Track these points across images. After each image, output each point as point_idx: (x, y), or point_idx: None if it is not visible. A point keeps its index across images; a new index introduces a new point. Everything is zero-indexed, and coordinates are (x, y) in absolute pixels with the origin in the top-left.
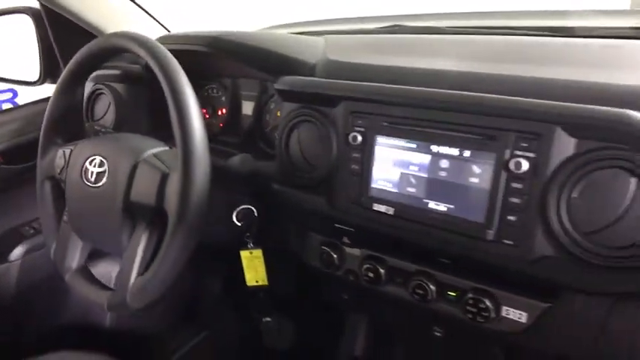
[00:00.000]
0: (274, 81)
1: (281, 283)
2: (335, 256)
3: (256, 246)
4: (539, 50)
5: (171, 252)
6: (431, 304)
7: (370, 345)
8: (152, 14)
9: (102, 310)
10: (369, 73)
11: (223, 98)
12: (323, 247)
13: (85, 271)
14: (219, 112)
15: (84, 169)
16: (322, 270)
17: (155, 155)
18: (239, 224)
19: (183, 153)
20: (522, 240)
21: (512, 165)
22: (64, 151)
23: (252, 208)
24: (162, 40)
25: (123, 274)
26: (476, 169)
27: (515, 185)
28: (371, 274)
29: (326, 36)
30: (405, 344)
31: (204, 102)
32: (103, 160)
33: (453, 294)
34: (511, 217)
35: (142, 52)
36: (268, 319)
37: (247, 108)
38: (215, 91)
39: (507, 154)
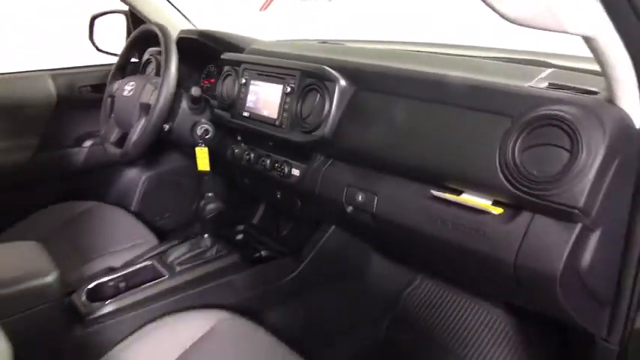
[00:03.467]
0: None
1: (221, 173)
2: (237, 151)
3: (204, 146)
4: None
5: (148, 126)
6: (269, 172)
7: (262, 215)
8: (188, 17)
9: (117, 158)
10: (263, 53)
11: (216, 71)
12: (232, 146)
13: (116, 143)
14: (213, 80)
15: (124, 87)
16: (231, 161)
17: (155, 81)
18: (199, 134)
19: (161, 80)
20: (287, 124)
21: (285, 89)
22: (118, 82)
23: (209, 127)
24: (181, 33)
25: (128, 140)
26: (276, 92)
27: (286, 99)
28: (248, 158)
29: (272, 40)
30: (275, 212)
31: (206, 75)
32: (133, 83)
33: (276, 164)
34: (285, 114)
35: (158, 33)
36: (210, 194)
37: None
38: (212, 67)
39: (285, 84)
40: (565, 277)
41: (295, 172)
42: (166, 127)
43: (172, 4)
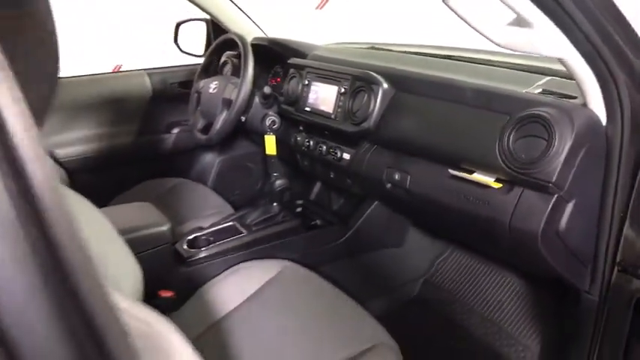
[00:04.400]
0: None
1: (284, 157)
2: (299, 139)
3: (272, 134)
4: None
5: (228, 118)
6: (325, 156)
7: (318, 192)
8: (261, 27)
9: (203, 143)
10: (323, 59)
11: (281, 72)
12: (295, 134)
13: (201, 131)
14: (279, 79)
15: (209, 85)
16: (294, 147)
17: (235, 81)
18: (267, 124)
19: (240, 81)
20: (341, 118)
21: (340, 90)
22: (204, 80)
23: (276, 119)
24: (254, 40)
25: (213, 129)
26: (332, 92)
27: (340, 98)
28: (308, 145)
29: (328, 45)
30: (328, 190)
31: (273, 74)
32: (217, 82)
33: (331, 150)
34: (339, 110)
35: (237, 41)
36: (276, 173)
37: None
38: (278, 68)
39: (340, 85)
40: (545, 236)
41: (346, 156)
42: (243, 118)
43: (246, 14)
